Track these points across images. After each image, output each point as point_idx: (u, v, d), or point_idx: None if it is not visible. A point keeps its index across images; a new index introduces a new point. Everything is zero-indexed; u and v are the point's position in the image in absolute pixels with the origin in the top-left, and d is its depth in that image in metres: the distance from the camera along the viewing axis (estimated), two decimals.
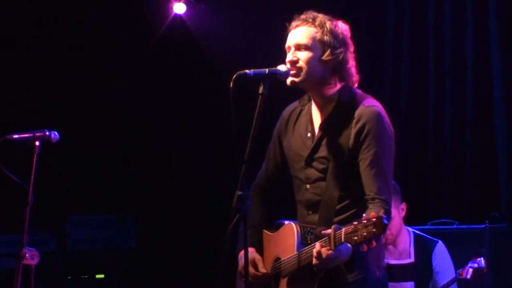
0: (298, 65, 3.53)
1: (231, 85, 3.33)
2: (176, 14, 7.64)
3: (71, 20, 7.42)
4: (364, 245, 3.12)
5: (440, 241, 5.25)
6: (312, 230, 3.53)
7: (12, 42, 7.29)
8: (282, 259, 3.63)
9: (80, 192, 7.32)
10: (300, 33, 3.58)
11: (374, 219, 3.09)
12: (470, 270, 4.98)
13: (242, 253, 3.68)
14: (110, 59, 7.50)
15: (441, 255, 5.21)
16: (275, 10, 7.29)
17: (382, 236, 3.11)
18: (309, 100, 3.68)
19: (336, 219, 3.49)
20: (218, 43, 7.44)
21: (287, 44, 3.60)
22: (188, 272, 7.47)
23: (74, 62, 7.47)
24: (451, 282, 5.07)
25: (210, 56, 7.55)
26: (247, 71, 3.39)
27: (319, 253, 3.27)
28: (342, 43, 3.57)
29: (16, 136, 4.16)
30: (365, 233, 3.10)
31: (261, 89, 3.38)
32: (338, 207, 3.52)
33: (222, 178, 6.13)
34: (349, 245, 3.22)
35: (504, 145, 6.21)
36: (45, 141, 4.14)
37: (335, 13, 3.72)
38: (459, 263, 5.13)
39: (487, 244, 5.60)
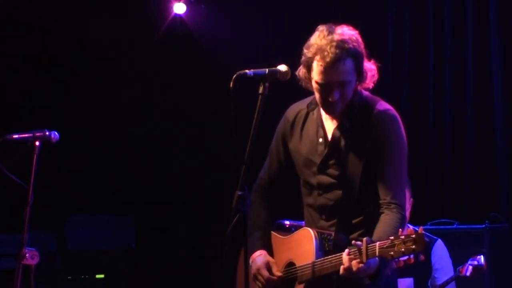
0: (338, 100, 3.47)
1: (231, 85, 3.33)
2: (176, 14, 7.63)
3: (71, 20, 7.42)
4: (401, 260, 3.11)
5: (439, 239, 5.26)
6: (329, 237, 3.50)
7: (12, 42, 7.29)
8: (297, 265, 3.57)
9: (80, 192, 7.32)
10: (341, 71, 3.41)
11: (413, 236, 3.07)
12: (470, 267, 4.97)
13: (254, 255, 3.67)
14: (110, 59, 7.49)
15: (440, 252, 5.22)
16: (275, 10, 7.30)
17: (421, 253, 3.09)
18: (317, 104, 3.62)
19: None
20: (218, 43, 7.44)
21: (324, 81, 3.43)
22: (188, 272, 7.47)
23: (74, 62, 7.47)
24: (451, 280, 5.07)
25: (210, 56, 7.55)
26: (247, 71, 3.38)
27: (350, 266, 3.24)
28: (364, 56, 3.50)
29: (16, 136, 4.17)
30: (403, 249, 3.08)
31: (261, 89, 3.37)
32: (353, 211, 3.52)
33: (222, 178, 6.13)
34: (376, 258, 3.22)
35: (504, 145, 6.21)
36: (45, 141, 4.14)
37: (335, 14, 3.72)
38: (459, 263, 5.13)
39: (487, 244, 5.60)
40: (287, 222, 5.13)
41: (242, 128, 3.30)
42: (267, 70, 3.40)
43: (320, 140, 3.60)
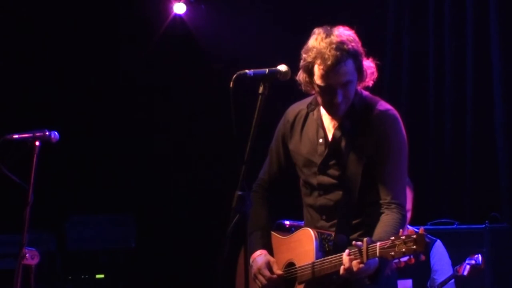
0: (342, 101, 3.48)
1: (231, 85, 3.32)
2: (176, 14, 7.64)
3: (71, 20, 7.42)
4: (402, 261, 3.12)
5: (438, 240, 5.26)
6: (329, 237, 3.51)
7: (12, 42, 7.29)
8: (297, 265, 3.57)
9: (80, 192, 7.32)
10: (343, 72, 3.41)
11: (414, 236, 3.08)
12: (468, 267, 4.95)
13: (255, 254, 3.67)
14: (110, 59, 7.50)
15: (439, 253, 5.21)
16: (275, 10, 7.30)
17: (421, 253, 3.10)
18: (317, 105, 3.63)
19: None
20: (218, 43, 7.44)
21: (327, 84, 3.43)
22: (188, 272, 7.47)
23: (74, 62, 7.47)
24: (449, 279, 5.06)
25: (210, 56, 7.55)
26: (247, 71, 3.37)
27: (350, 266, 3.24)
28: (363, 55, 3.51)
29: (16, 136, 4.17)
30: (403, 249, 3.09)
31: (261, 89, 3.37)
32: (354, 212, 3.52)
33: (222, 178, 6.12)
34: (376, 258, 3.23)
35: (504, 145, 6.21)
36: (45, 141, 4.14)
37: (334, 13, 3.71)
38: (459, 263, 5.12)
39: (487, 244, 5.60)
40: (287, 222, 5.13)
41: (242, 128, 3.30)
42: (267, 70, 3.40)
43: (321, 140, 3.60)
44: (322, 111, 3.61)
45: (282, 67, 3.45)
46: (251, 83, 3.38)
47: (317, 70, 3.44)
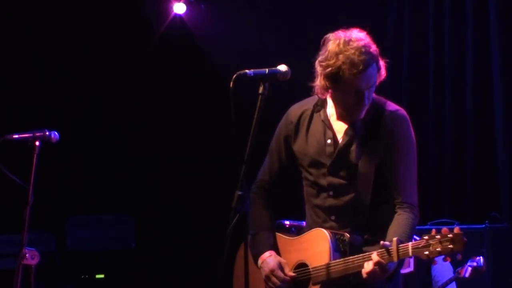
0: (367, 103, 3.50)
1: (231, 85, 3.32)
2: (176, 14, 7.64)
3: (71, 20, 7.42)
4: (435, 259, 3.15)
5: None
6: (343, 237, 3.51)
7: (12, 42, 7.29)
8: (311, 266, 3.55)
9: (80, 192, 7.32)
10: (370, 75, 3.46)
11: (450, 235, 3.13)
12: (469, 269, 4.96)
13: (264, 255, 3.65)
14: (110, 58, 7.50)
15: (441, 264, 5.19)
16: (274, 10, 7.31)
17: (459, 253, 3.13)
18: (323, 105, 3.62)
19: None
20: (218, 43, 7.45)
21: (356, 88, 3.45)
22: (188, 272, 7.47)
23: (74, 62, 7.47)
24: (450, 281, 5.06)
25: (210, 56, 7.55)
26: (247, 71, 3.37)
27: (379, 260, 3.27)
28: (379, 56, 3.55)
29: (16, 136, 4.16)
30: (439, 249, 3.13)
31: (261, 89, 3.36)
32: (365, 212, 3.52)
33: (222, 177, 6.13)
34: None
35: (504, 145, 6.22)
36: (45, 141, 4.13)
37: (334, 14, 3.71)
38: (459, 263, 5.12)
39: (487, 244, 5.60)
40: (287, 222, 5.13)
41: (242, 128, 3.30)
42: (267, 70, 3.39)
43: (329, 141, 3.59)
44: (329, 112, 3.61)
45: (282, 67, 3.45)
46: (251, 83, 3.38)
47: (347, 75, 3.41)
